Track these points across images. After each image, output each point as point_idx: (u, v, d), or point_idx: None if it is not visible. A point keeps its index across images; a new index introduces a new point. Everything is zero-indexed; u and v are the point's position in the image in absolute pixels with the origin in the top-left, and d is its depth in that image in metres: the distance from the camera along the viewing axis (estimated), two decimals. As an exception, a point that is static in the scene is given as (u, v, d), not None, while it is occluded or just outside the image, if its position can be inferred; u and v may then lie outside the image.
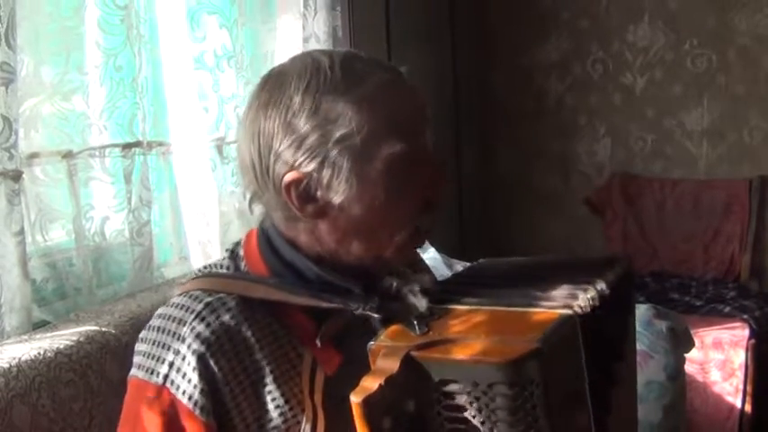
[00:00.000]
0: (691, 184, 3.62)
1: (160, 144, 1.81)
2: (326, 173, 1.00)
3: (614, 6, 3.70)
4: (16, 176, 1.37)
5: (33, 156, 1.49)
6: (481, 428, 0.86)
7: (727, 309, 3.12)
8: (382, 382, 0.84)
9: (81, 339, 1.32)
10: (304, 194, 1.01)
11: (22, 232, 1.38)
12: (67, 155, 1.55)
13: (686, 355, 2.52)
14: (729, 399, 2.87)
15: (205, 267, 1.14)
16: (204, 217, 1.94)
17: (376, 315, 1.00)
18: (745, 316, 3.03)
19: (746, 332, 2.93)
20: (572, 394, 0.93)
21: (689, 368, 2.66)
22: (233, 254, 1.12)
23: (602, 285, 0.98)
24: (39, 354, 1.24)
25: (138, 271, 1.70)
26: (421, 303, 0.98)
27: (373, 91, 1.00)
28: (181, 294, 1.06)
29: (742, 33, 3.47)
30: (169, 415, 0.99)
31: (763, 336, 2.97)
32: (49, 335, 1.34)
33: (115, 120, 1.64)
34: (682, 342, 2.45)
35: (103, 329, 1.38)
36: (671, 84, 3.64)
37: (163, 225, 1.86)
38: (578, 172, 3.88)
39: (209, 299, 1.02)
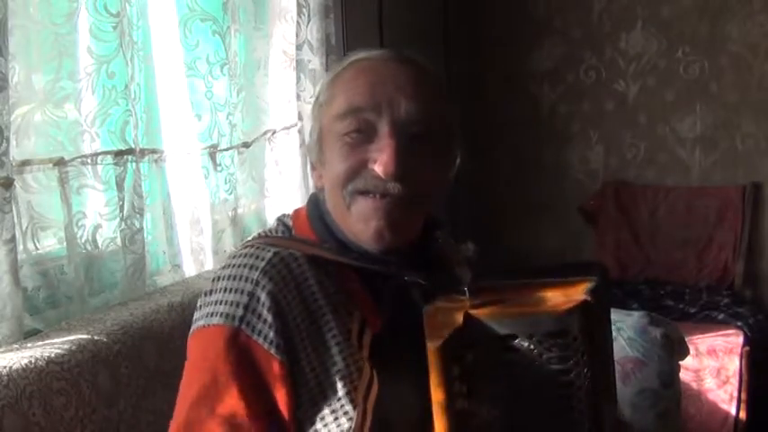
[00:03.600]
0: (684, 191, 3.62)
1: (153, 151, 1.80)
2: (314, 137, 1.15)
3: (607, 14, 3.71)
4: (8, 184, 1.36)
5: (25, 163, 1.47)
6: (534, 378, 0.92)
7: (722, 316, 3.13)
8: (453, 331, 0.91)
9: (73, 348, 1.32)
10: (311, 160, 1.18)
11: (13, 240, 1.37)
12: (59, 162, 1.54)
13: (681, 363, 2.52)
14: (724, 406, 2.87)
15: (260, 234, 1.21)
16: (197, 225, 1.93)
17: (424, 283, 1.06)
18: (740, 323, 3.04)
19: (741, 339, 2.93)
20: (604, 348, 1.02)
21: (683, 375, 2.65)
22: (283, 224, 1.19)
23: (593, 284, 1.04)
24: (30, 362, 1.23)
25: (131, 279, 1.69)
26: (466, 275, 1.06)
27: (344, 68, 1.13)
28: (247, 247, 1.11)
29: (734, 41, 3.49)
30: (246, 356, 1.03)
31: (757, 343, 2.97)
32: (40, 343, 1.33)
33: (107, 127, 1.63)
34: (676, 349, 2.45)
35: (95, 338, 1.37)
36: (664, 91, 3.65)
37: (155, 233, 1.85)
38: (571, 179, 3.88)
39: (276, 249, 1.08)
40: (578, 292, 0.96)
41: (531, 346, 0.92)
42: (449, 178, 1.19)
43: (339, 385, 1.04)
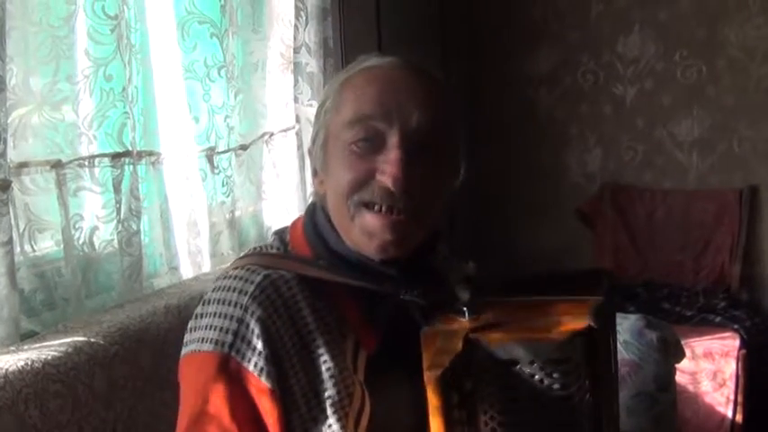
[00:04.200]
0: (681, 194, 3.63)
1: (150, 154, 1.80)
2: (318, 142, 1.13)
3: (604, 17, 3.72)
4: (5, 186, 1.36)
5: (22, 165, 1.47)
6: (536, 404, 0.91)
7: (718, 319, 3.14)
8: (453, 358, 0.89)
9: (69, 350, 1.31)
10: (313, 165, 1.16)
11: (10, 242, 1.37)
12: (57, 165, 1.54)
13: (677, 366, 2.53)
14: (720, 409, 2.87)
15: (255, 248, 1.19)
16: (194, 227, 1.93)
17: (422, 302, 1.04)
18: (736, 326, 3.05)
19: (737, 342, 2.94)
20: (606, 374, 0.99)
21: (680, 378, 2.66)
22: (280, 238, 1.17)
23: (600, 300, 1.02)
24: (26, 365, 1.23)
25: (128, 281, 1.68)
26: (464, 294, 1.01)
27: (354, 74, 1.11)
28: (236, 268, 1.09)
29: (731, 44, 3.49)
30: (236, 384, 1.02)
31: (753, 346, 2.97)
32: (36, 345, 1.33)
33: (105, 129, 1.63)
34: (672, 352, 2.46)
35: (92, 340, 1.37)
36: (661, 94, 3.65)
37: (152, 235, 1.84)
38: (569, 182, 3.89)
39: (266, 271, 1.07)
40: (582, 315, 0.94)
41: (533, 372, 0.90)
42: (453, 190, 1.18)
43: (330, 411, 1.03)
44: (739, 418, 2.87)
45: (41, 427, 1.21)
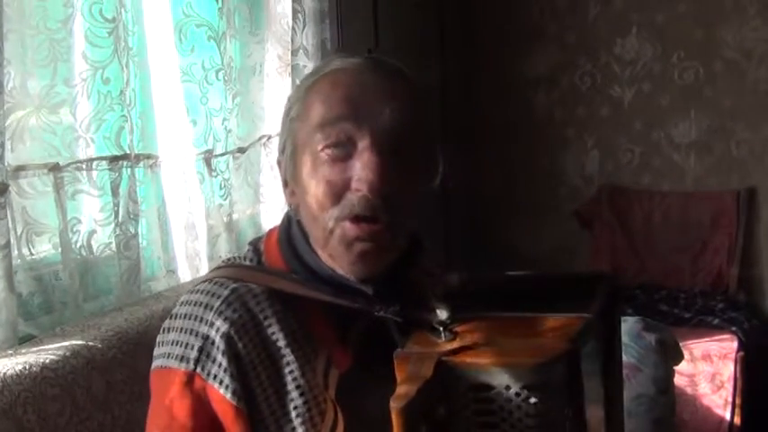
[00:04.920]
0: (679, 196, 3.63)
1: (148, 157, 1.80)
2: (287, 152, 1.07)
3: (602, 19, 3.73)
4: (2, 189, 1.36)
5: (20, 168, 1.47)
6: (513, 430, 0.86)
7: (716, 321, 3.14)
8: (421, 387, 0.84)
9: (67, 354, 1.31)
10: (283, 176, 1.10)
11: (8, 245, 1.37)
12: (54, 168, 1.54)
13: (675, 368, 2.53)
14: (719, 411, 2.87)
15: (228, 259, 1.16)
16: (192, 230, 1.93)
17: (398, 319, 1.00)
18: (734, 328, 3.05)
19: (735, 344, 2.94)
20: (592, 397, 0.94)
21: (678, 381, 2.66)
22: (255, 248, 1.13)
23: (596, 306, 0.98)
24: (24, 368, 1.23)
25: (126, 284, 1.68)
26: (443, 311, 0.96)
27: (319, 79, 1.05)
28: (205, 281, 1.07)
29: (728, 46, 3.50)
30: (201, 401, 1.00)
31: (751, 348, 2.98)
32: (34, 349, 1.33)
33: (102, 132, 1.63)
34: (671, 354, 2.45)
35: (90, 344, 1.37)
36: (658, 96, 3.66)
37: (150, 238, 1.84)
38: (566, 184, 3.89)
39: (234, 285, 1.04)
40: (566, 335, 0.88)
41: (509, 398, 0.85)
42: (432, 191, 1.11)
43: (300, 429, 1.00)
44: (737, 420, 2.87)
45: (39, 430, 1.20)
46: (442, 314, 0.96)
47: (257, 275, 1.06)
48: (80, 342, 1.37)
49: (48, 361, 1.28)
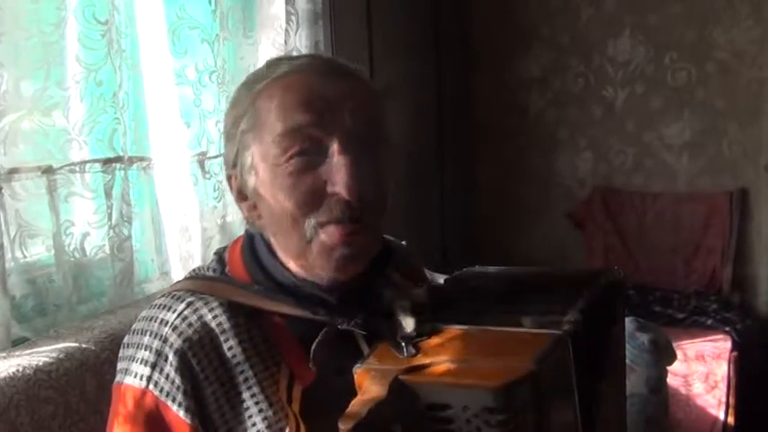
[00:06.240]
0: (671, 197, 3.64)
1: (141, 159, 1.80)
2: (242, 166, 1.03)
3: (594, 21, 3.73)
4: (-5, 192, 1.37)
5: (13, 171, 1.47)
6: None
7: (710, 321, 3.15)
8: (372, 407, 0.82)
9: (60, 356, 1.31)
10: (238, 189, 1.06)
11: (1, 248, 1.37)
12: (47, 170, 1.54)
13: (669, 368, 2.53)
14: (712, 411, 2.88)
15: (193, 270, 1.13)
16: (186, 232, 1.93)
17: (362, 332, 0.98)
18: (728, 328, 3.06)
19: (729, 344, 2.95)
20: (562, 416, 0.91)
21: (672, 381, 2.67)
22: (220, 258, 1.11)
23: (586, 301, 0.96)
24: (18, 371, 1.23)
25: (119, 287, 1.68)
26: (408, 323, 0.94)
27: (268, 84, 1.01)
28: (164, 296, 1.05)
29: (720, 47, 3.51)
30: (153, 418, 0.98)
31: (745, 348, 2.98)
32: (28, 352, 1.33)
33: (96, 135, 1.63)
34: (664, 355, 2.46)
35: (83, 346, 1.37)
36: (651, 97, 3.67)
37: (144, 241, 1.85)
38: (559, 186, 3.90)
39: (191, 298, 1.01)
40: (532, 354, 0.85)
41: (468, 418, 0.82)
42: (391, 189, 1.07)
43: None
44: (731, 419, 2.87)
45: (33, 433, 1.20)
46: (407, 327, 0.94)
47: (218, 287, 1.04)
48: (74, 344, 1.37)
49: (41, 363, 1.28)
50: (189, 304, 1.01)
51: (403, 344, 0.91)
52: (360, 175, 0.96)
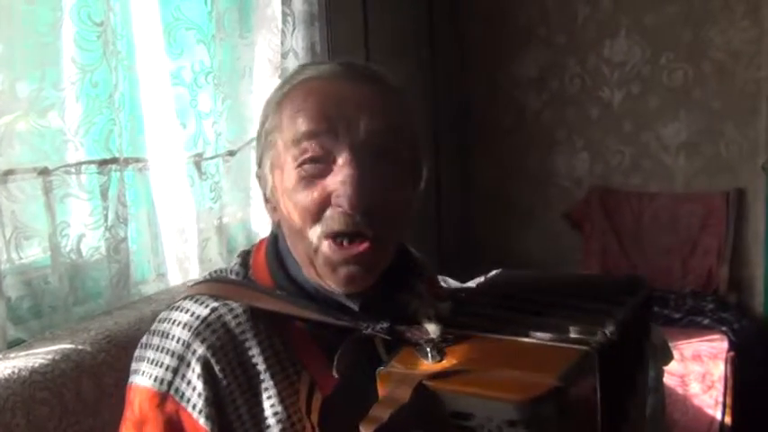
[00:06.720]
0: (668, 197, 3.64)
1: (137, 160, 1.79)
2: (265, 167, 1.04)
3: (591, 22, 3.74)
4: (-9, 193, 1.36)
5: (9, 173, 1.47)
6: None
7: (706, 321, 3.15)
8: (394, 412, 0.82)
9: (56, 358, 1.31)
10: (263, 191, 1.07)
11: (-4, 250, 1.37)
12: (43, 172, 1.54)
13: (666, 368, 2.53)
14: (709, 411, 2.88)
15: (215, 272, 1.12)
16: (182, 234, 1.93)
17: (387, 337, 0.96)
18: (724, 328, 3.06)
19: (725, 344, 2.95)
20: None
21: (669, 381, 2.67)
22: (244, 261, 1.10)
23: (621, 317, 0.95)
24: (13, 372, 1.23)
25: (115, 288, 1.68)
26: (433, 329, 0.93)
27: (292, 89, 1.02)
28: (186, 298, 1.04)
29: (717, 48, 3.51)
30: (173, 424, 0.97)
31: (741, 348, 2.99)
32: (23, 353, 1.33)
33: (91, 136, 1.63)
34: (661, 355, 2.46)
35: (79, 347, 1.36)
36: (648, 98, 3.67)
37: (140, 242, 1.84)
38: (556, 186, 3.90)
39: (215, 304, 1.01)
40: (556, 370, 0.84)
41: (491, 429, 0.81)
42: (417, 197, 1.07)
43: None
44: (728, 419, 2.88)
45: (29, 435, 1.20)
46: (433, 333, 0.93)
47: (241, 292, 1.03)
48: (69, 346, 1.36)
49: (37, 365, 1.27)
50: (213, 310, 1.00)
51: (428, 349, 0.91)
52: (367, 187, 0.94)
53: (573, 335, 0.92)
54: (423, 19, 3.67)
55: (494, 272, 1.17)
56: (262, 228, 2.24)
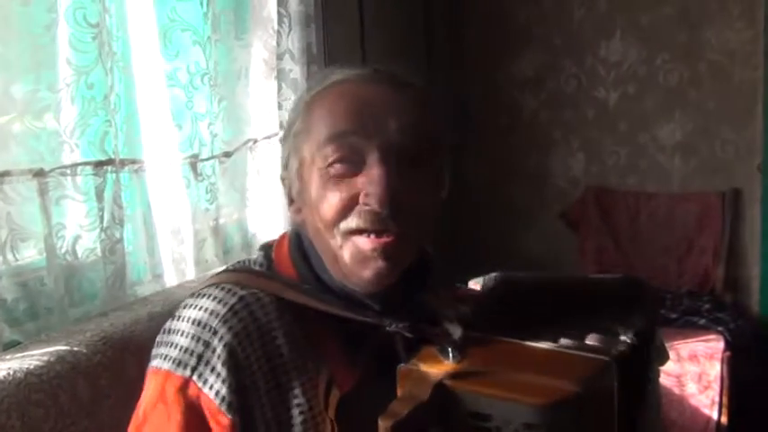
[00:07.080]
0: (664, 197, 3.65)
1: (133, 162, 1.79)
2: (291, 168, 1.06)
3: (587, 22, 3.74)
4: (-14, 195, 1.36)
5: (4, 174, 1.47)
6: None
7: (703, 321, 3.15)
8: (413, 408, 0.83)
9: (52, 359, 1.31)
10: (287, 191, 1.08)
11: (-8, 251, 1.37)
12: (39, 173, 1.53)
13: (662, 368, 2.53)
14: (705, 411, 2.88)
15: (239, 262, 1.14)
16: (178, 235, 1.93)
17: (409, 335, 0.98)
18: (720, 328, 3.06)
19: (721, 344, 2.95)
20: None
21: (665, 381, 2.67)
22: (266, 254, 1.11)
23: (640, 326, 0.97)
24: (8, 374, 1.23)
25: (111, 289, 1.68)
26: (455, 330, 0.94)
27: (322, 90, 1.03)
28: (213, 285, 1.04)
29: (712, 48, 3.52)
30: (193, 410, 0.98)
31: (738, 348, 2.99)
32: (18, 355, 1.32)
33: (87, 138, 1.63)
34: (657, 355, 2.46)
35: (74, 349, 1.36)
36: (644, 98, 3.68)
37: (136, 243, 1.84)
38: (553, 186, 3.90)
39: (242, 292, 1.02)
40: (577, 376, 0.85)
41: None
42: (441, 201, 1.10)
43: None
44: (724, 419, 2.88)
45: (24, 437, 1.20)
46: (454, 333, 0.94)
47: (268, 283, 1.04)
48: (65, 347, 1.36)
49: (32, 366, 1.27)
50: (241, 298, 1.01)
51: (449, 349, 0.91)
52: (396, 187, 0.96)
53: (592, 342, 0.93)
54: (419, 19, 3.68)
55: (492, 274, 1.16)
56: (258, 229, 2.24)
